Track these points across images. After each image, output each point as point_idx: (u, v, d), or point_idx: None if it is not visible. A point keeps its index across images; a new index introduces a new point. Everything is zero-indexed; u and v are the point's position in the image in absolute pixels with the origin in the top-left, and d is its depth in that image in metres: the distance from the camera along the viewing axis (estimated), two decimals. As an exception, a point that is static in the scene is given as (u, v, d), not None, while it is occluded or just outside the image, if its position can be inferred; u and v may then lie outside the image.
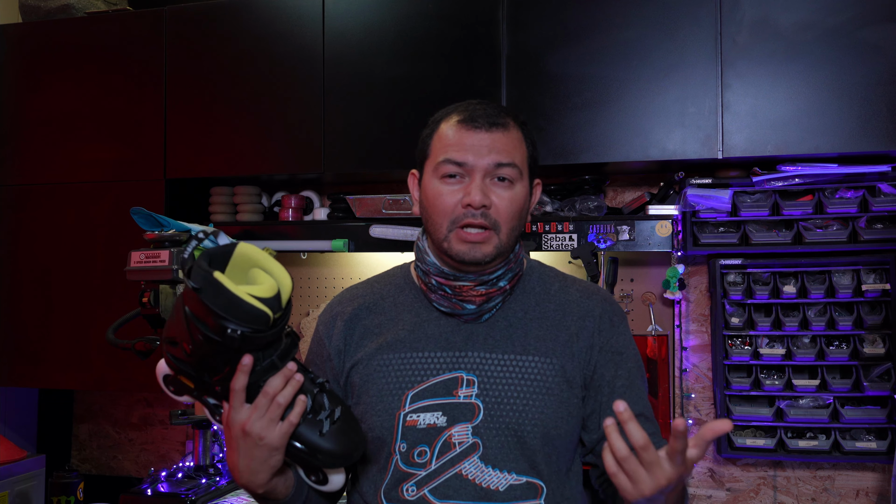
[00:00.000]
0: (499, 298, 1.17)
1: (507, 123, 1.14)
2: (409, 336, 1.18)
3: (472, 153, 1.11)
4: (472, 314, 1.16)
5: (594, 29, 1.99)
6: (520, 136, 1.16)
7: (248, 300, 0.93)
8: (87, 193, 2.33)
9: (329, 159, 2.16)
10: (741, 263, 2.07)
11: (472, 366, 1.14)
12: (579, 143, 1.99)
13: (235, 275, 1.01)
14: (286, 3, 2.20)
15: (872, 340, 1.97)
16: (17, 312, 2.37)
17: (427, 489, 1.10)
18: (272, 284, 0.99)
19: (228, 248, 1.01)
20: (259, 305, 0.94)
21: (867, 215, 1.95)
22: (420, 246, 1.21)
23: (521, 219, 1.16)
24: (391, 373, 1.16)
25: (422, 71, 2.10)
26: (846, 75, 1.85)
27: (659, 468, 0.89)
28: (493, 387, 1.13)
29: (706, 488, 2.23)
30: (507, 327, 1.17)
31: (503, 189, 1.12)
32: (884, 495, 2.10)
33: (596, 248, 2.00)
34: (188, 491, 2.11)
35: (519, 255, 1.19)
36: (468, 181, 1.12)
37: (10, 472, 2.31)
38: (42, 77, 2.40)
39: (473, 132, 1.12)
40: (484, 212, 1.11)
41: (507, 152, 1.12)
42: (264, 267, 1.02)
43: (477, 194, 1.10)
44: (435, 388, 1.14)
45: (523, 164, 1.15)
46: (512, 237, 1.14)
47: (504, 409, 1.11)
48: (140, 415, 2.69)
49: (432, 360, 1.16)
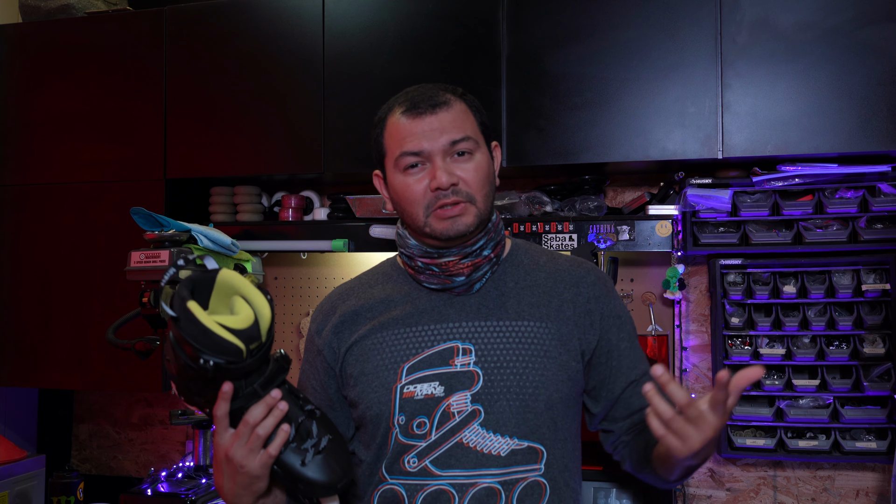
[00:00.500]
0: (486, 267, 1.19)
1: (448, 100, 1.15)
2: (401, 314, 1.20)
3: (425, 139, 1.13)
4: (463, 285, 1.18)
5: (594, 29, 1.99)
6: (464, 107, 1.17)
7: (218, 332, 0.93)
8: (87, 193, 2.33)
9: (329, 159, 2.16)
10: (741, 263, 2.07)
11: (468, 335, 1.16)
12: (579, 143, 1.99)
13: (220, 302, 1.00)
14: (286, 4, 2.20)
15: (872, 340, 1.97)
16: (17, 312, 2.37)
17: (428, 460, 1.11)
18: (248, 314, 0.98)
19: (211, 274, 1.00)
20: (229, 338, 0.93)
21: (867, 215, 1.95)
22: (400, 233, 1.23)
23: (490, 183, 1.18)
24: (385, 349, 1.17)
25: (422, 71, 2.10)
26: (846, 75, 1.85)
27: (704, 421, 0.95)
28: (492, 353, 1.14)
29: (706, 488, 2.23)
30: (499, 296, 1.19)
31: (465, 162, 1.14)
32: (884, 495, 2.10)
33: (596, 248, 2.00)
34: (188, 491, 2.11)
35: (498, 224, 1.21)
36: (430, 166, 1.14)
37: (10, 472, 2.31)
38: (42, 77, 2.40)
39: (420, 119, 1.13)
40: (454, 189, 1.13)
41: (457, 128, 1.14)
42: (245, 295, 1.01)
43: (443, 176, 1.12)
44: (430, 359, 1.15)
45: (476, 133, 1.17)
46: (487, 203, 1.17)
47: (505, 373, 1.13)
48: (140, 415, 2.69)
49: (426, 332, 1.17)
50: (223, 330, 0.93)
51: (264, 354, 1.00)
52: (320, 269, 2.51)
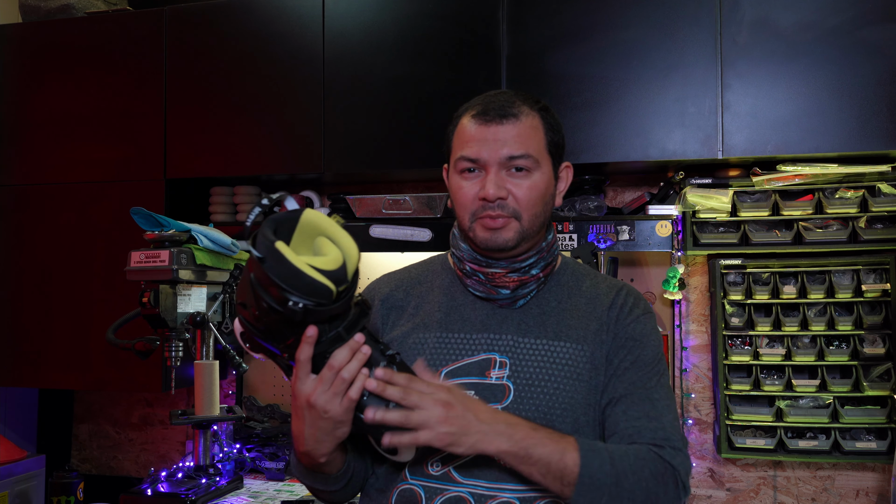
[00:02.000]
0: (532, 285, 1.19)
1: (518, 113, 1.14)
2: (444, 318, 1.20)
3: (485, 148, 1.13)
4: (507, 299, 1.18)
5: (594, 29, 1.99)
6: (536, 122, 1.15)
7: (310, 273, 0.89)
8: (88, 193, 2.33)
9: (329, 159, 2.16)
10: (741, 263, 2.07)
11: (505, 348, 1.16)
12: (579, 143, 1.99)
13: (301, 243, 0.97)
14: (286, 4, 2.20)
15: (872, 340, 1.97)
16: (17, 312, 2.37)
17: (452, 466, 1.11)
18: (337, 256, 0.95)
19: (294, 214, 0.98)
20: (321, 279, 0.90)
21: (867, 215, 1.95)
22: (454, 233, 1.24)
23: (544, 204, 1.16)
24: (426, 351, 1.18)
25: (422, 71, 2.10)
26: (846, 75, 1.85)
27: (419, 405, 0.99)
28: (525, 370, 1.14)
29: (706, 488, 2.23)
30: (540, 314, 1.19)
31: (520, 178, 1.14)
32: (884, 495, 2.10)
33: (596, 248, 2.00)
34: (188, 491, 2.11)
35: (552, 245, 1.21)
36: (484, 175, 1.14)
37: (10, 472, 2.31)
38: (42, 77, 2.40)
39: (486, 126, 1.14)
40: (501, 203, 1.13)
41: (519, 143, 1.13)
42: (331, 236, 0.99)
43: (491, 187, 1.12)
44: (469, 368, 1.15)
45: (540, 151, 1.15)
46: (535, 223, 1.16)
47: (535, 392, 1.12)
48: (140, 415, 2.69)
49: (467, 341, 1.17)
50: (314, 271, 0.90)
51: (350, 297, 0.97)
52: (320, 269, 2.50)
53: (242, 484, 2.28)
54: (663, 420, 1.11)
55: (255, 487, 2.26)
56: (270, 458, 2.39)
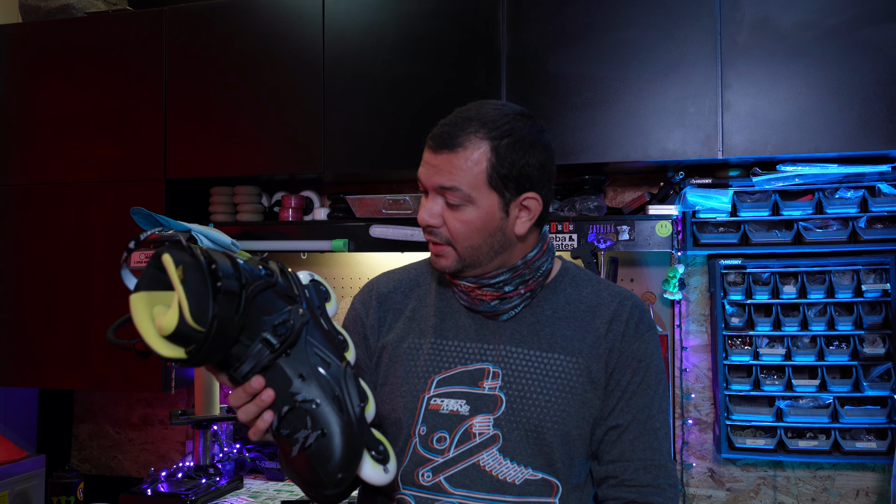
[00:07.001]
0: (516, 300, 1.16)
1: (459, 144, 1.07)
2: (439, 324, 1.20)
3: (425, 173, 1.12)
4: (488, 312, 1.17)
5: (594, 29, 1.99)
6: (479, 155, 1.07)
7: (153, 347, 0.89)
8: (88, 193, 2.33)
9: (329, 159, 2.16)
10: (741, 263, 2.08)
11: (499, 358, 1.15)
12: (579, 143, 1.99)
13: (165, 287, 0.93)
14: (286, 4, 2.20)
15: (872, 340, 1.97)
16: (17, 312, 2.37)
17: (443, 476, 1.11)
18: (172, 314, 0.89)
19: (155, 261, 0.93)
20: (163, 351, 0.89)
21: (867, 215, 1.95)
22: None
23: (487, 236, 1.10)
24: (419, 357, 1.17)
25: (422, 71, 2.10)
26: (846, 75, 1.85)
27: None
28: (517, 381, 1.13)
29: (706, 488, 2.23)
30: (534, 324, 1.17)
31: (453, 211, 1.10)
32: (884, 495, 2.10)
33: (596, 248, 2.00)
34: (188, 491, 2.11)
35: (532, 263, 1.16)
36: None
37: (10, 472, 2.31)
38: (42, 77, 2.40)
39: (430, 151, 1.11)
40: (433, 230, 1.11)
41: (449, 175, 1.07)
42: (174, 284, 0.90)
43: (424, 213, 1.11)
44: (461, 377, 1.15)
45: (476, 185, 1.07)
46: (477, 253, 1.11)
47: (525, 403, 1.12)
48: (140, 415, 2.69)
49: (461, 349, 1.17)
50: (156, 341, 0.89)
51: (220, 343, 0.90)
52: (320, 269, 2.51)
53: (242, 484, 2.28)
54: (663, 451, 1.13)
55: (255, 487, 2.26)
56: (270, 458, 2.39)
